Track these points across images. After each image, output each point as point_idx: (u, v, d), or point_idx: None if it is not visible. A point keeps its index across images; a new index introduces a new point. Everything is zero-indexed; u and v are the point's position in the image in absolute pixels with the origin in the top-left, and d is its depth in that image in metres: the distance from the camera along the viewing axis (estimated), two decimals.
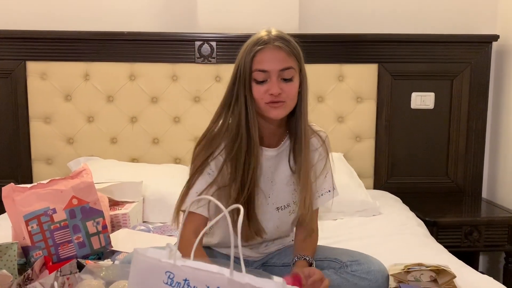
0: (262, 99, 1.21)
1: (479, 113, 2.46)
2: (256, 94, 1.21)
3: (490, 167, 2.56)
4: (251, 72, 1.20)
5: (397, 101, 2.43)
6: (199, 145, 1.27)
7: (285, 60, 1.20)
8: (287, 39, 1.23)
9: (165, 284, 0.76)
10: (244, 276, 0.73)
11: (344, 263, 1.30)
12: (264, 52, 1.19)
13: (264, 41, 1.20)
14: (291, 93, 1.22)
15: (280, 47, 1.19)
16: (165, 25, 2.41)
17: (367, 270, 1.27)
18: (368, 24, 2.45)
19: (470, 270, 1.52)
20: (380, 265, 1.30)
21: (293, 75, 1.22)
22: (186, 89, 2.36)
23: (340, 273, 1.28)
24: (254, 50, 1.19)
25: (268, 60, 1.19)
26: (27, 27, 2.31)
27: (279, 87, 1.19)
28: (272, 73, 1.19)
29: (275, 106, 1.21)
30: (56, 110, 2.34)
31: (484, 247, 2.19)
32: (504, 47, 2.45)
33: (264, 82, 1.20)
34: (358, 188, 2.17)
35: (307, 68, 2.35)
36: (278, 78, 1.20)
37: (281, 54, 1.19)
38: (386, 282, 1.28)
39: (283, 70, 1.20)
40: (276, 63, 1.19)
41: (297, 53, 1.24)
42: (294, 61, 1.22)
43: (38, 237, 1.45)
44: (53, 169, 2.36)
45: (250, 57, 1.19)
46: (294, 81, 1.22)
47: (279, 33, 1.23)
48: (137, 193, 1.97)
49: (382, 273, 1.28)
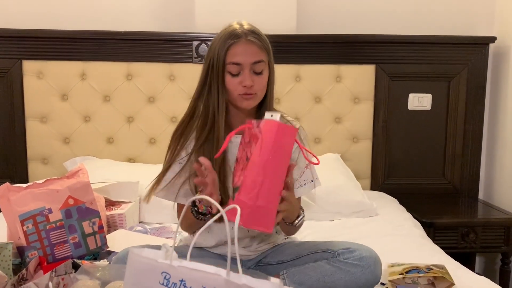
0: (235, 90, 1.29)
1: (476, 114, 2.46)
2: (230, 86, 1.28)
3: (487, 169, 2.56)
4: (224, 64, 1.27)
5: (394, 102, 2.43)
6: (173, 135, 1.37)
7: (257, 54, 1.27)
8: (258, 33, 1.30)
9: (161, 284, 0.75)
10: (241, 277, 0.72)
11: (335, 252, 1.32)
12: (238, 46, 1.26)
13: (237, 34, 1.26)
14: (262, 85, 1.30)
15: (252, 41, 1.27)
16: (163, 25, 2.40)
17: (359, 256, 1.29)
18: (366, 25, 2.45)
19: (467, 271, 1.52)
20: (372, 252, 1.31)
21: (263, 68, 1.30)
22: (183, 89, 2.35)
23: (333, 262, 1.30)
24: (228, 43, 1.26)
25: (241, 54, 1.26)
26: (23, 26, 2.30)
27: (252, 79, 1.27)
28: (245, 65, 1.26)
29: (247, 98, 1.29)
30: (52, 109, 2.33)
31: (480, 248, 2.19)
32: (501, 48, 2.45)
33: (238, 74, 1.27)
34: (355, 189, 2.17)
35: (306, 68, 2.38)
36: (250, 71, 1.27)
37: (254, 48, 1.27)
38: (378, 268, 1.30)
39: (255, 63, 1.27)
40: (249, 57, 1.26)
41: (267, 47, 1.31)
42: (265, 54, 1.30)
43: (34, 237, 1.44)
44: (49, 169, 2.35)
45: (224, 50, 1.26)
46: (264, 74, 1.30)
47: (251, 27, 1.30)
48: (134, 193, 1.96)
49: (374, 259, 1.30)
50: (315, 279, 1.28)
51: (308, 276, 1.29)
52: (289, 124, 1.40)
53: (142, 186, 2.00)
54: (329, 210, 2.04)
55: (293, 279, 1.30)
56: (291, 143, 1.10)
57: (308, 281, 1.28)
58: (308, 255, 1.37)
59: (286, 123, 1.34)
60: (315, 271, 1.29)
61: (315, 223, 1.99)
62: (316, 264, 1.31)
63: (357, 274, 1.27)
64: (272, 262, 1.42)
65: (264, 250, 1.44)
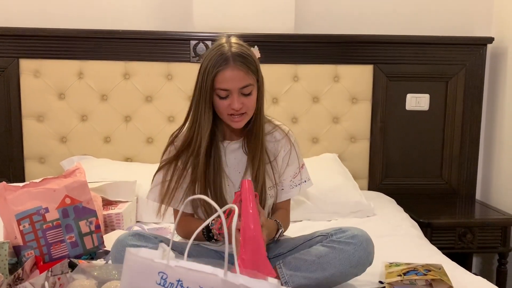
0: (224, 111, 1.34)
1: (474, 115, 2.46)
2: (219, 107, 1.34)
3: (484, 169, 2.57)
4: (213, 89, 1.31)
5: (392, 102, 2.43)
6: (169, 138, 1.46)
7: (244, 79, 1.31)
8: (245, 55, 1.32)
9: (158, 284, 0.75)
10: (238, 276, 0.72)
11: (328, 233, 1.38)
12: (225, 72, 1.29)
13: (225, 59, 1.29)
14: (251, 105, 1.35)
15: (239, 67, 1.30)
16: (161, 24, 2.39)
17: (351, 235, 1.33)
18: (364, 25, 2.45)
19: (464, 272, 1.53)
20: (363, 231, 1.36)
21: (252, 90, 1.34)
22: (181, 88, 2.35)
23: (326, 243, 1.34)
24: (215, 70, 1.29)
25: (229, 80, 1.29)
26: (20, 25, 2.29)
27: (240, 102, 1.31)
28: (233, 90, 1.31)
29: (236, 120, 1.35)
30: (49, 108, 2.32)
31: (477, 249, 2.19)
32: (499, 49, 2.45)
33: (226, 97, 1.32)
34: (352, 189, 2.17)
35: (304, 68, 2.38)
36: (238, 94, 1.31)
37: (240, 73, 1.30)
38: (370, 245, 1.33)
39: (242, 88, 1.31)
40: (237, 82, 1.30)
41: (254, 69, 1.34)
42: (252, 77, 1.33)
43: (30, 236, 1.43)
44: (46, 168, 2.34)
45: (211, 77, 1.30)
46: (252, 94, 1.34)
47: (238, 48, 1.32)
48: (131, 193, 1.95)
49: (365, 237, 1.33)
50: (310, 262, 1.31)
51: (303, 261, 1.32)
52: (279, 129, 1.50)
53: (140, 185, 2.00)
54: (327, 210, 2.04)
55: (289, 266, 1.33)
56: (251, 189, 1.18)
57: (303, 265, 1.32)
58: (303, 243, 1.41)
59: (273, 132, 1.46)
60: (310, 255, 1.33)
61: (312, 223, 1.99)
62: (311, 249, 1.35)
63: (350, 252, 1.30)
64: (270, 256, 1.43)
65: None
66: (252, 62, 1.33)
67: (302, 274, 1.31)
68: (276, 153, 1.48)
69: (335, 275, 1.30)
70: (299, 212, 2.03)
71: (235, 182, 1.44)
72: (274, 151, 1.48)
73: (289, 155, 1.49)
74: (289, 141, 1.50)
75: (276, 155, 1.48)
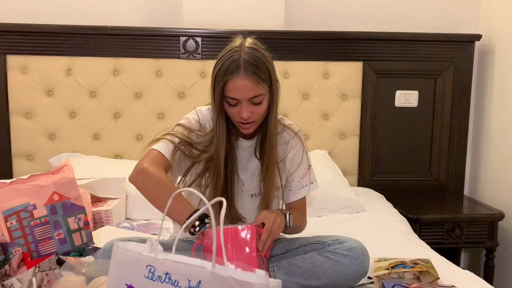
0: (234, 118, 1.33)
1: (462, 111, 2.49)
2: (229, 113, 1.33)
3: (472, 165, 2.59)
4: (223, 96, 1.30)
5: (381, 99, 2.45)
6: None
7: (253, 90, 1.27)
8: (257, 63, 1.27)
9: (146, 278, 0.75)
10: (226, 269, 0.72)
11: (326, 243, 1.35)
12: (235, 81, 1.26)
13: (236, 67, 1.25)
14: (260, 114, 1.33)
15: (249, 77, 1.26)
16: (150, 20, 2.38)
17: (349, 247, 1.32)
18: (354, 22, 2.46)
19: (452, 266, 1.54)
20: (360, 244, 1.35)
21: (262, 99, 1.31)
22: (171, 85, 2.34)
23: (323, 253, 1.33)
24: (225, 79, 1.27)
25: (238, 90, 1.27)
26: (7, 20, 2.26)
27: (249, 111, 1.29)
28: (242, 100, 1.28)
29: (245, 127, 1.34)
30: (37, 105, 2.29)
31: (465, 244, 2.22)
32: (486, 46, 2.48)
33: (236, 105, 1.30)
34: (342, 185, 2.18)
35: (294, 65, 2.38)
36: (248, 103, 1.29)
37: (250, 84, 1.26)
38: (366, 259, 1.33)
39: (252, 98, 1.29)
40: (246, 93, 1.27)
41: (266, 77, 1.30)
42: (263, 87, 1.29)
43: (18, 233, 1.42)
44: (34, 165, 2.31)
45: (221, 84, 1.28)
46: (263, 103, 1.32)
47: (250, 55, 1.27)
48: (120, 190, 1.94)
49: (362, 250, 1.33)
50: (305, 269, 1.30)
51: (298, 267, 1.31)
52: (288, 130, 1.47)
53: (129, 182, 1.98)
54: (316, 206, 2.04)
55: (284, 271, 1.32)
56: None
57: (297, 272, 1.31)
58: (298, 248, 1.39)
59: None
60: (305, 262, 1.32)
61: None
62: (306, 256, 1.34)
63: (346, 264, 1.29)
64: None
65: None
66: (265, 70, 1.30)
67: (296, 280, 1.30)
68: (284, 155, 1.47)
69: (328, 285, 1.30)
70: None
71: (241, 178, 1.43)
72: (282, 153, 1.46)
73: (298, 155, 1.47)
74: (299, 141, 1.48)
75: (283, 157, 1.47)
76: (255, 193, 1.45)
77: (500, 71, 2.39)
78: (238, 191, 1.44)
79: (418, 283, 1.27)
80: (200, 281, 0.72)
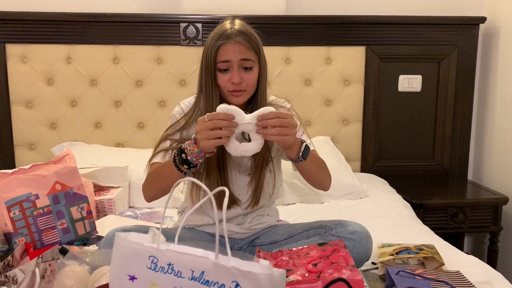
0: (225, 87, 1.34)
1: (466, 96, 2.46)
2: (220, 82, 1.34)
3: (476, 150, 2.58)
4: (215, 63, 1.33)
5: (384, 83, 2.42)
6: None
7: (245, 52, 1.32)
8: (247, 33, 1.34)
9: (149, 269, 0.74)
10: (229, 259, 0.71)
11: (328, 227, 1.35)
12: (226, 46, 1.32)
13: (227, 35, 1.32)
14: (251, 82, 1.35)
15: (240, 42, 1.32)
16: (150, 7, 2.35)
17: (351, 230, 1.32)
18: (356, 6, 2.42)
19: (456, 251, 1.54)
20: (363, 227, 1.34)
21: (252, 65, 1.34)
22: (171, 72, 2.32)
23: (326, 236, 1.33)
24: (217, 44, 1.32)
25: (229, 53, 1.32)
26: (6, 8, 2.24)
27: (240, 76, 1.32)
28: (233, 62, 1.32)
29: (236, 95, 1.34)
30: (38, 94, 2.28)
31: (469, 229, 2.21)
32: (491, 29, 2.44)
33: (227, 70, 1.33)
34: (345, 171, 2.17)
35: (296, 50, 2.35)
36: (239, 68, 1.32)
37: (242, 48, 1.32)
38: (369, 243, 1.33)
39: (243, 60, 1.32)
40: (237, 54, 1.32)
41: (256, 47, 1.35)
42: (253, 54, 1.34)
43: (21, 223, 1.42)
44: (36, 155, 2.31)
45: (214, 50, 1.32)
46: (253, 70, 1.35)
47: (241, 27, 1.34)
48: (123, 178, 1.94)
49: (365, 234, 1.33)
50: None
51: None
52: (279, 108, 1.44)
53: (131, 170, 1.99)
54: (320, 192, 2.04)
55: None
56: None
57: None
58: (301, 233, 1.39)
59: (278, 108, 1.42)
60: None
61: (305, 205, 1.99)
62: (309, 240, 1.34)
63: (349, 247, 1.28)
64: (265, 242, 1.43)
65: (257, 230, 1.46)
66: (254, 40, 1.35)
67: None
68: None
69: None
70: (292, 195, 2.03)
71: (235, 159, 1.41)
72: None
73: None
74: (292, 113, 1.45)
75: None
76: (246, 170, 1.43)
77: (505, 54, 2.36)
78: (235, 171, 1.42)
79: (422, 269, 1.26)
80: (204, 271, 0.72)
